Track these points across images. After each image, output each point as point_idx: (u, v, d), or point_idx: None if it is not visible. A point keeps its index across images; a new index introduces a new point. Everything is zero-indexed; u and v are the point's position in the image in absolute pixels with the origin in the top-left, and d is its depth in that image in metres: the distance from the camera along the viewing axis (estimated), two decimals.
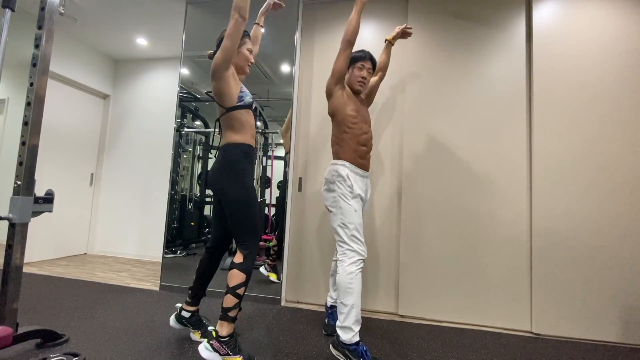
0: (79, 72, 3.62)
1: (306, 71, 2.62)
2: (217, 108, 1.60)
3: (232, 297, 1.43)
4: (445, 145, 2.27)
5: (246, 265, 1.47)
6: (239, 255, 1.49)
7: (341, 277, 1.53)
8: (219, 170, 1.54)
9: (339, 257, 1.61)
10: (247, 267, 1.47)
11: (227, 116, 1.55)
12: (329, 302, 1.96)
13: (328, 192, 1.70)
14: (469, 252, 2.17)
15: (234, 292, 1.43)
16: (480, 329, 2.06)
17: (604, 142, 2.03)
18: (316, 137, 2.54)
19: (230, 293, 1.43)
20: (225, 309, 1.43)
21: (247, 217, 1.51)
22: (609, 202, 1.99)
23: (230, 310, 1.42)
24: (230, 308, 1.43)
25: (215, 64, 1.48)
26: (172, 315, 1.72)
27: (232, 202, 1.51)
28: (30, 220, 1.50)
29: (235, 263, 1.47)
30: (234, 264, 1.47)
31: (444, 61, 2.33)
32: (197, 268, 1.72)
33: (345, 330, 1.49)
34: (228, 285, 1.45)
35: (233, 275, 1.46)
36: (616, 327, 1.92)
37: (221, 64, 1.47)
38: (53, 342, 1.57)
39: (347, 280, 1.51)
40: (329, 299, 1.97)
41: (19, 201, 1.43)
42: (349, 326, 1.48)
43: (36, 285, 2.49)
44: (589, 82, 2.08)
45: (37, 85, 1.53)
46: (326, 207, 1.72)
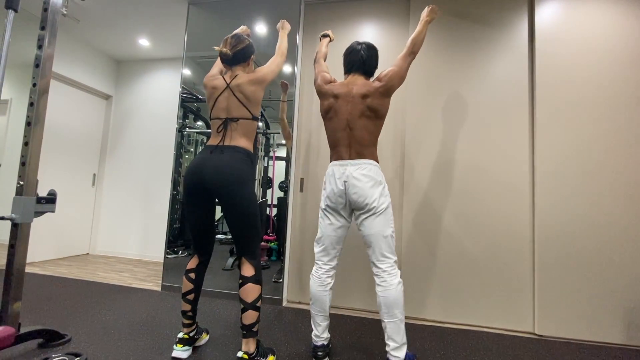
0: (81, 73, 3.63)
1: (308, 71, 2.62)
2: (234, 108, 1.55)
3: (253, 311, 1.40)
4: (447, 145, 2.27)
5: (259, 276, 1.45)
6: (249, 268, 1.44)
7: (394, 293, 1.40)
8: (227, 173, 1.44)
9: (386, 270, 1.44)
10: (260, 277, 1.46)
11: (249, 123, 1.56)
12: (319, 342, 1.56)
13: (375, 188, 1.47)
14: (471, 253, 2.16)
15: (254, 307, 1.40)
16: (482, 330, 2.05)
17: (608, 143, 2.02)
18: (318, 138, 2.53)
19: (251, 309, 1.39)
20: (248, 327, 1.39)
21: (257, 226, 1.49)
22: (614, 203, 1.97)
23: (254, 325, 1.40)
24: (254, 323, 1.40)
25: (268, 73, 1.60)
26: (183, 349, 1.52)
27: (242, 210, 1.45)
28: (33, 221, 1.51)
29: (248, 277, 1.42)
30: (246, 278, 1.42)
31: (445, 61, 2.33)
32: (186, 292, 1.55)
33: (403, 347, 1.40)
34: (246, 301, 1.39)
35: (249, 290, 1.41)
36: (620, 329, 1.91)
37: (272, 76, 1.61)
38: (55, 342, 1.58)
39: (400, 295, 1.41)
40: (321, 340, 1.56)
41: (22, 201, 1.44)
42: (405, 342, 1.41)
43: (39, 285, 2.49)
44: (592, 82, 2.07)
45: (40, 86, 1.53)
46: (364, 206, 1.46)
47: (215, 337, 1.74)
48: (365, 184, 1.46)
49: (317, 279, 1.56)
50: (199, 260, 1.60)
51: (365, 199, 1.45)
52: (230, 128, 1.56)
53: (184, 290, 1.56)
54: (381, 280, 1.44)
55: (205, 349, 1.62)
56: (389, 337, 1.40)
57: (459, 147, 2.25)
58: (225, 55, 1.56)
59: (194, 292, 1.56)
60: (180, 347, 1.50)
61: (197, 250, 1.61)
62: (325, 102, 1.63)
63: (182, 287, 1.57)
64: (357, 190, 1.46)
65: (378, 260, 1.47)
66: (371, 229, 1.46)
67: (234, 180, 1.45)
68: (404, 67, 1.58)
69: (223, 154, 1.49)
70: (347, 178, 1.49)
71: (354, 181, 1.47)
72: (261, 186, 2.70)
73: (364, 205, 1.46)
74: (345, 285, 2.36)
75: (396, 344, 1.39)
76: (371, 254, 1.49)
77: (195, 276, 1.57)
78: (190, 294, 1.55)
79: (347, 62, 1.67)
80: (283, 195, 2.56)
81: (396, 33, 2.47)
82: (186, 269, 1.59)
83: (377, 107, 1.54)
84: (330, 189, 1.54)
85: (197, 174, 1.48)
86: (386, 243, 1.46)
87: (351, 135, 1.54)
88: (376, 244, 1.46)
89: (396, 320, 1.39)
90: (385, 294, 1.41)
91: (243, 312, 1.39)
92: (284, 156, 2.65)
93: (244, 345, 1.38)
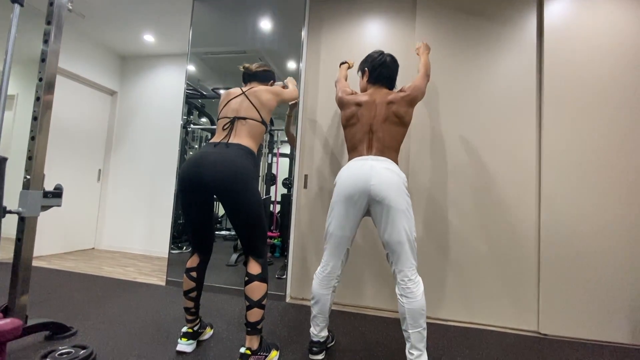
0: (86, 69, 3.65)
1: (312, 68, 2.61)
2: (245, 109, 1.57)
3: (259, 309, 1.39)
4: (453, 144, 2.25)
5: (265, 274, 1.44)
6: (255, 266, 1.42)
7: (420, 304, 1.34)
8: (230, 170, 1.40)
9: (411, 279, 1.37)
10: (266, 276, 1.44)
11: (258, 125, 1.58)
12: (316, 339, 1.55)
13: (397, 181, 1.41)
14: (476, 251, 2.15)
15: (260, 305, 1.39)
16: (486, 328, 2.05)
17: (616, 141, 1.99)
18: (322, 134, 2.53)
19: (256, 307, 1.38)
20: (253, 324, 1.38)
21: (262, 224, 1.47)
22: (620, 201, 1.95)
23: (259, 323, 1.39)
24: (259, 321, 1.39)
25: (285, 92, 1.75)
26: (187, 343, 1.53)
27: (247, 210, 1.42)
28: (40, 214, 1.52)
29: (255, 275, 1.40)
30: (253, 276, 1.40)
31: (452, 57, 2.31)
32: (188, 290, 1.54)
33: (424, 354, 1.35)
34: (252, 299, 1.38)
35: (255, 288, 1.39)
36: (624, 328, 1.89)
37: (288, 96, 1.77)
38: (62, 334, 1.60)
39: (424, 304, 1.36)
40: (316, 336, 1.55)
41: (29, 195, 1.45)
42: (425, 348, 1.36)
43: (45, 279, 2.53)
44: (601, 79, 2.04)
45: (46, 81, 1.54)
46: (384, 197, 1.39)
47: (219, 332, 1.76)
48: (387, 175, 1.41)
49: (321, 280, 1.53)
50: (199, 259, 1.57)
51: (387, 188, 1.38)
52: (237, 126, 1.55)
53: (186, 288, 1.55)
54: (406, 290, 1.36)
55: (209, 343, 1.63)
56: (412, 346, 1.34)
57: (465, 145, 2.23)
58: (248, 70, 1.68)
59: (196, 290, 1.56)
60: (185, 341, 1.51)
61: (196, 248, 1.58)
62: (347, 110, 1.64)
63: (183, 285, 1.55)
64: (379, 179, 1.40)
65: (402, 266, 1.38)
66: (393, 228, 1.38)
67: (237, 178, 1.40)
68: (423, 84, 1.68)
69: (227, 148, 1.46)
70: (368, 168, 1.43)
71: (375, 171, 1.41)
72: (265, 183, 2.70)
73: (384, 195, 1.38)
74: (348, 282, 2.36)
75: (420, 352, 1.34)
76: (393, 260, 1.41)
77: (197, 274, 1.56)
78: (192, 292, 1.55)
79: (375, 74, 1.66)
80: (287, 192, 2.56)
81: (402, 29, 2.45)
82: (187, 267, 1.56)
83: (402, 114, 1.55)
84: (347, 175, 1.47)
85: (195, 169, 1.42)
86: (410, 247, 1.39)
87: (373, 138, 1.54)
88: (399, 247, 1.38)
89: (420, 330, 1.34)
90: (411, 306, 1.34)
91: (248, 310, 1.39)
92: (288, 153, 2.65)
93: (248, 341, 1.39)
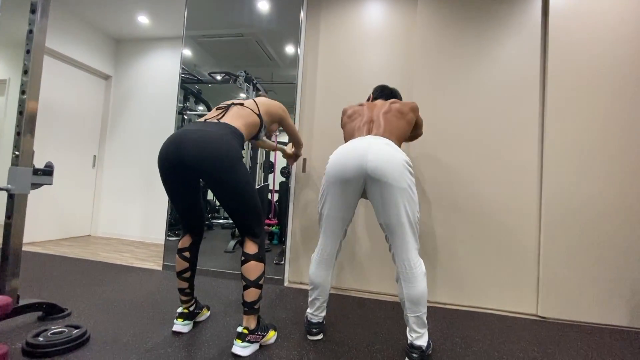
0: (80, 51, 3.56)
1: (311, 52, 2.54)
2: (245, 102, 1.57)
3: (256, 289, 1.35)
4: (454, 126, 2.21)
5: (262, 253, 1.38)
6: (252, 246, 1.37)
7: (421, 290, 1.29)
8: (214, 148, 1.29)
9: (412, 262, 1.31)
10: (263, 255, 1.39)
11: (254, 117, 1.54)
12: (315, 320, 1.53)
13: (398, 157, 1.31)
14: (476, 235, 2.13)
15: (257, 284, 1.35)
16: (485, 311, 2.04)
17: (620, 126, 1.95)
18: (321, 118, 2.48)
19: (253, 286, 1.34)
20: (250, 304, 1.34)
21: (256, 206, 1.39)
22: (623, 185, 1.92)
23: (256, 303, 1.36)
24: (256, 301, 1.35)
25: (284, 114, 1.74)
26: (183, 323, 1.50)
27: (238, 191, 1.33)
28: (35, 200, 1.48)
29: (251, 254, 1.36)
30: (249, 255, 1.35)
31: (454, 39, 2.25)
32: (182, 270, 1.50)
33: (425, 334, 1.32)
34: (248, 279, 1.34)
35: (251, 268, 1.35)
36: (624, 311, 1.89)
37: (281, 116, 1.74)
38: (55, 315, 1.56)
39: (426, 289, 1.30)
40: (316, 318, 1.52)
41: (18, 172, 1.40)
42: (426, 329, 1.33)
43: (40, 264, 2.49)
44: (607, 61, 1.99)
45: (34, 52, 1.48)
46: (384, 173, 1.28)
47: (216, 313, 1.73)
48: (386, 151, 1.31)
49: (319, 263, 1.49)
50: (192, 240, 1.53)
51: (386, 164, 1.28)
52: (233, 109, 1.50)
53: (179, 269, 1.51)
54: (406, 275, 1.31)
55: (206, 324, 1.61)
56: (412, 329, 1.31)
57: (465, 128, 2.19)
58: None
59: (189, 270, 1.52)
60: (181, 322, 1.49)
61: (186, 230, 1.54)
62: (349, 111, 1.66)
63: (176, 266, 1.52)
64: (377, 155, 1.29)
65: (403, 249, 1.32)
66: (392, 208, 1.28)
67: (222, 157, 1.28)
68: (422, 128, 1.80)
69: (212, 126, 1.36)
70: (365, 145, 1.34)
71: (373, 148, 1.31)
72: (263, 171, 2.66)
73: (382, 172, 1.27)
74: (349, 266, 2.34)
75: (418, 334, 1.31)
76: (393, 243, 1.34)
77: (190, 254, 1.52)
78: (186, 272, 1.51)
79: (377, 92, 1.76)
80: (285, 180, 2.52)
81: (404, 9, 2.38)
82: (178, 248, 1.52)
83: (405, 111, 1.55)
84: (341, 152, 1.38)
85: (174, 147, 1.31)
86: (411, 229, 1.31)
87: (373, 126, 1.50)
88: (399, 229, 1.30)
89: (421, 314, 1.30)
90: (411, 291, 1.29)
91: (245, 290, 1.35)
92: (287, 142, 2.60)
93: (245, 321, 1.36)
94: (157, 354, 1.28)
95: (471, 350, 1.49)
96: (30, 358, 1.20)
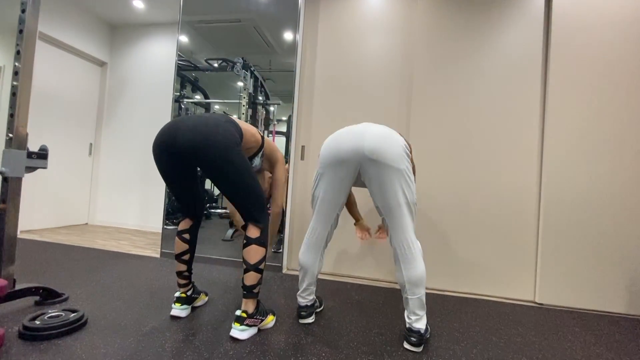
0: (75, 37, 3.49)
1: (310, 38, 2.49)
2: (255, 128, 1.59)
3: (256, 273, 1.34)
4: (455, 109, 2.18)
5: (264, 238, 1.37)
6: (254, 230, 1.35)
7: (420, 273, 1.29)
8: (210, 133, 1.27)
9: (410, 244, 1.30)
10: (265, 240, 1.37)
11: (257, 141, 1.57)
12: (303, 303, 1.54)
13: (396, 140, 1.30)
14: (475, 221, 2.12)
15: (257, 269, 1.34)
16: (482, 298, 2.04)
17: (620, 113, 1.94)
18: (319, 105, 2.45)
19: (253, 270, 1.33)
20: (249, 287, 1.34)
21: (257, 192, 1.37)
22: (621, 173, 1.92)
23: (255, 287, 1.35)
24: (255, 285, 1.35)
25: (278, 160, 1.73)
26: (181, 307, 1.50)
27: (236, 177, 1.30)
28: (26, 179, 1.46)
29: (253, 238, 1.34)
30: (251, 239, 1.34)
31: (456, 24, 2.21)
32: (181, 253, 1.51)
33: (424, 318, 1.33)
34: (249, 262, 1.33)
35: (252, 251, 1.33)
36: (622, 298, 1.90)
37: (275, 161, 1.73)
38: (52, 300, 1.56)
39: (424, 272, 1.31)
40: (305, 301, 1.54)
41: (11, 154, 1.38)
42: (425, 312, 1.34)
43: (37, 251, 2.48)
44: (611, 48, 1.96)
45: (27, 33, 1.44)
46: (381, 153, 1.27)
47: (214, 299, 1.73)
48: (383, 132, 1.30)
49: (309, 245, 1.49)
50: (191, 222, 1.54)
51: (383, 144, 1.26)
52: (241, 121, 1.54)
53: (179, 251, 1.51)
54: (405, 256, 1.31)
55: (204, 309, 1.60)
56: (411, 311, 1.32)
57: (466, 112, 2.17)
58: None
59: (189, 252, 1.52)
60: (179, 306, 1.48)
61: (185, 214, 1.54)
62: None
63: (175, 248, 1.51)
64: (374, 135, 1.28)
65: (400, 232, 1.31)
66: (389, 189, 1.27)
67: (217, 142, 1.26)
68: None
69: (209, 115, 1.35)
70: (361, 127, 1.33)
71: (370, 130, 1.30)
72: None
73: (379, 153, 1.25)
74: (345, 253, 2.34)
75: (417, 316, 1.31)
76: (390, 225, 1.33)
77: (190, 236, 1.53)
78: (185, 254, 1.51)
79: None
80: None
81: None
82: (178, 230, 1.52)
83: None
84: (336, 136, 1.36)
85: (168, 133, 1.31)
86: (409, 210, 1.30)
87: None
88: (397, 210, 1.29)
89: (420, 296, 1.30)
90: (411, 273, 1.30)
91: (245, 273, 1.35)
92: (284, 131, 2.57)
93: (244, 304, 1.36)
94: (155, 338, 1.27)
95: (469, 335, 1.50)
96: (27, 341, 1.19)
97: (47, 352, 1.12)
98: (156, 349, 1.20)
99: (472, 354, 1.32)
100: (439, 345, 1.38)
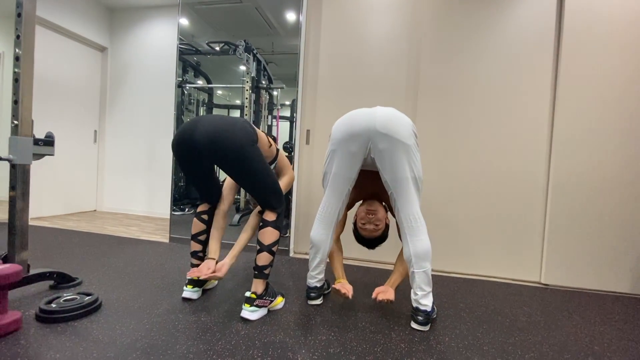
0: (73, 21, 3.42)
1: (314, 19, 2.42)
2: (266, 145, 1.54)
3: (268, 254, 1.40)
4: (463, 87, 2.14)
5: (280, 222, 1.45)
6: (271, 214, 1.44)
7: (424, 242, 1.35)
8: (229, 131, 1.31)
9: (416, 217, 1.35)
10: (280, 224, 1.45)
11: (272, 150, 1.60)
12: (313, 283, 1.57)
13: (406, 120, 1.37)
14: (482, 202, 2.12)
15: (270, 250, 1.41)
16: (488, 279, 2.06)
17: (634, 95, 1.88)
18: (324, 88, 2.40)
19: (266, 251, 1.40)
20: (261, 267, 1.39)
21: (271, 181, 1.44)
22: (629, 156, 1.88)
23: (266, 268, 1.40)
24: (266, 266, 1.40)
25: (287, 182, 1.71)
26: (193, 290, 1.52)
27: (252, 171, 1.36)
28: (33, 165, 1.46)
29: (269, 221, 1.43)
30: (267, 222, 1.42)
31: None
32: (198, 233, 1.57)
33: (430, 295, 1.36)
34: (263, 243, 1.40)
35: (267, 233, 1.41)
36: (627, 278, 1.91)
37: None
38: (66, 284, 1.60)
39: (429, 245, 1.35)
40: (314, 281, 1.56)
41: (18, 141, 1.38)
42: (431, 289, 1.36)
43: (48, 237, 2.52)
44: (624, 24, 1.89)
45: (26, 16, 1.41)
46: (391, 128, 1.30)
47: (224, 282, 1.76)
48: (393, 112, 1.36)
49: (321, 220, 1.48)
50: (210, 205, 1.62)
51: (393, 120, 1.32)
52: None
53: (196, 231, 1.58)
54: (412, 229, 1.35)
55: (215, 291, 1.64)
56: (417, 286, 1.34)
57: (475, 89, 2.12)
58: None
59: (205, 233, 1.59)
60: (190, 288, 1.51)
61: (204, 200, 1.62)
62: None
63: (192, 228, 1.58)
64: (385, 113, 1.33)
65: (407, 204, 1.34)
66: (398, 163, 1.30)
67: (234, 138, 1.30)
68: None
69: (226, 116, 1.41)
70: (372, 109, 1.37)
71: (381, 109, 1.36)
72: None
73: (390, 127, 1.29)
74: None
75: (424, 292, 1.33)
76: (397, 198, 1.35)
77: (208, 217, 1.60)
78: (202, 234, 1.59)
79: None
80: (288, 155, 2.49)
81: None
82: (197, 211, 1.61)
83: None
84: (348, 115, 1.40)
85: (186, 134, 1.33)
86: (415, 184, 1.34)
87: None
88: (405, 183, 1.32)
89: (427, 270, 1.33)
90: (417, 245, 1.34)
91: (258, 253, 1.40)
92: (288, 116, 2.55)
93: (254, 285, 1.39)
94: (167, 319, 1.31)
95: (475, 315, 1.52)
96: (44, 323, 1.22)
97: (65, 334, 1.16)
98: (170, 329, 1.23)
99: (479, 333, 1.35)
100: (445, 325, 1.40)
